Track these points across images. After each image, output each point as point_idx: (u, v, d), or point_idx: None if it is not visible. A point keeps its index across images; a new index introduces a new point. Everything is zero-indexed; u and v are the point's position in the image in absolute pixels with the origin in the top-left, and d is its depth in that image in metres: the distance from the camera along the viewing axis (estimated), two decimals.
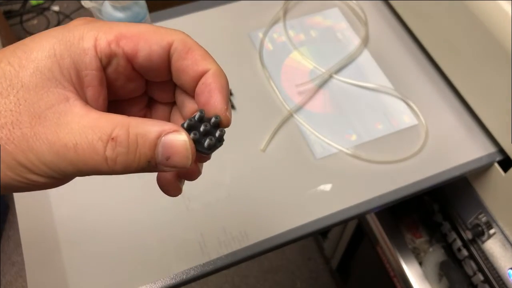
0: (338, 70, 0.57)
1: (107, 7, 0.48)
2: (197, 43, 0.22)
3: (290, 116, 0.53)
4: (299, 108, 0.54)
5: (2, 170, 0.18)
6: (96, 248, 0.44)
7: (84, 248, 0.44)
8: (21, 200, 0.46)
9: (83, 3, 0.49)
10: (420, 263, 0.67)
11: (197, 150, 0.21)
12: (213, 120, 0.21)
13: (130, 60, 0.21)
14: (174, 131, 0.19)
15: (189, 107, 0.23)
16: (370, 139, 0.52)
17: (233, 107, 0.53)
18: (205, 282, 1.21)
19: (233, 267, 0.44)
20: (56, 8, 1.79)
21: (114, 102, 0.23)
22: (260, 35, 0.60)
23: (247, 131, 0.52)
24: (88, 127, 0.18)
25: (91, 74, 0.20)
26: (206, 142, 0.21)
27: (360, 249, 0.86)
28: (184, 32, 0.22)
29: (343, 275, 1.06)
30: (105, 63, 0.20)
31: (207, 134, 0.21)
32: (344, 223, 0.61)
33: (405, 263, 0.66)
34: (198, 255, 0.43)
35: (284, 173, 0.49)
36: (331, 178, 0.49)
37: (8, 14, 1.74)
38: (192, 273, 0.43)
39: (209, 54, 0.22)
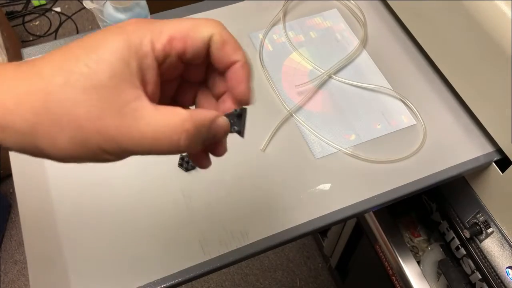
0: (337, 71, 0.58)
1: (109, 8, 0.48)
2: (231, 35, 0.27)
3: (289, 116, 0.54)
4: (298, 108, 0.54)
5: (82, 151, 0.23)
6: (97, 246, 0.44)
7: (85, 247, 0.44)
8: (23, 199, 0.47)
9: (84, 3, 0.49)
10: (419, 262, 0.68)
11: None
12: (238, 111, 0.28)
13: (180, 56, 0.25)
14: (218, 116, 0.26)
15: (220, 87, 0.29)
16: (369, 139, 0.52)
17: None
18: (205, 281, 1.22)
19: (233, 266, 0.45)
20: (58, 9, 1.80)
21: None
22: (260, 36, 0.60)
23: (247, 131, 0.52)
24: (163, 121, 0.23)
25: (151, 73, 0.24)
26: (235, 127, 0.29)
27: (359, 247, 0.87)
28: (220, 24, 0.26)
29: (342, 274, 1.07)
30: (161, 62, 0.25)
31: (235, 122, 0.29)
32: (343, 222, 0.62)
33: (404, 261, 0.66)
34: (199, 254, 0.44)
35: (284, 172, 0.49)
36: (330, 178, 0.49)
37: (11, 15, 1.74)
38: (193, 272, 0.43)
39: (239, 46, 0.27)
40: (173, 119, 0.23)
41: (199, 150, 0.29)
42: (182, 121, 0.23)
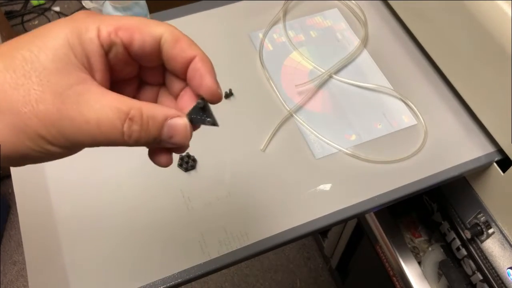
0: (338, 71, 0.58)
1: (108, 8, 0.48)
2: (184, 34, 0.26)
3: (290, 116, 0.53)
4: (298, 108, 0.54)
5: (22, 141, 0.22)
6: (96, 247, 0.44)
7: (84, 248, 0.44)
8: (22, 199, 0.46)
9: (84, 3, 0.49)
10: (419, 263, 0.68)
11: (193, 124, 0.26)
12: (200, 105, 0.26)
13: (127, 48, 0.24)
14: (177, 116, 0.25)
15: (177, 87, 0.27)
16: (369, 139, 0.52)
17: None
18: (205, 281, 1.21)
19: (233, 266, 0.44)
20: (57, 8, 1.80)
21: (111, 83, 0.26)
22: (260, 35, 0.60)
23: (247, 131, 0.52)
24: (108, 106, 0.22)
25: (98, 60, 0.24)
26: (208, 119, 0.26)
27: (359, 248, 0.87)
28: (172, 25, 0.25)
29: (342, 274, 1.06)
30: (107, 50, 0.24)
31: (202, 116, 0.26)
32: (343, 222, 0.61)
33: (404, 262, 0.66)
34: (199, 254, 0.44)
35: (284, 172, 0.49)
36: (330, 178, 0.49)
37: (10, 15, 1.74)
38: (192, 272, 0.43)
39: (194, 42, 0.26)
40: (119, 104, 0.22)
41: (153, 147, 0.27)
42: (129, 108, 0.22)
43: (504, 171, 0.50)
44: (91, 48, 0.23)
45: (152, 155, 0.27)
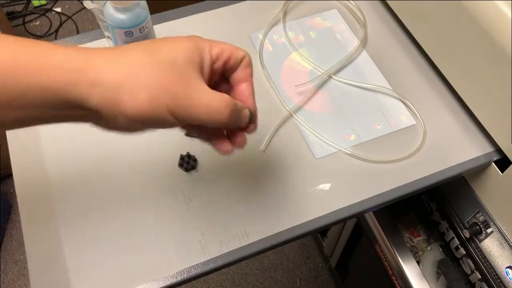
0: (337, 71, 0.58)
1: (109, 9, 0.49)
2: (251, 62, 0.38)
3: (289, 116, 0.54)
4: (298, 109, 0.55)
5: (151, 107, 0.30)
6: (97, 247, 0.44)
7: (86, 247, 0.44)
8: (23, 199, 0.47)
9: (85, 4, 0.49)
10: (418, 262, 0.68)
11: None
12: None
13: (224, 64, 0.36)
14: (246, 108, 0.37)
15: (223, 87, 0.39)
16: (368, 139, 0.52)
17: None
18: (205, 280, 1.22)
19: (233, 266, 0.45)
20: (58, 9, 1.80)
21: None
22: (260, 36, 0.61)
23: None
24: (217, 98, 0.33)
25: (206, 68, 0.34)
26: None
27: (358, 247, 0.87)
28: (246, 52, 0.37)
29: (342, 274, 1.07)
30: (213, 62, 0.35)
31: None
32: (343, 221, 0.62)
33: (403, 261, 0.66)
34: (199, 254, 0.44)
35: (284, 172, 0.49)
36: (330, 178, 0.49)
37: (11, 15, 1.75)
38: (193, 272, 0.43)
39: (252, 72, 0.38)
40: (223, 98, 0.33)
41: (223, 133, 0.38)
42: (228, 101, 0.33)
43: (502, 171, 0.50)
44: (205, 60, 0.34)
45: (217, 145, 0.38)
